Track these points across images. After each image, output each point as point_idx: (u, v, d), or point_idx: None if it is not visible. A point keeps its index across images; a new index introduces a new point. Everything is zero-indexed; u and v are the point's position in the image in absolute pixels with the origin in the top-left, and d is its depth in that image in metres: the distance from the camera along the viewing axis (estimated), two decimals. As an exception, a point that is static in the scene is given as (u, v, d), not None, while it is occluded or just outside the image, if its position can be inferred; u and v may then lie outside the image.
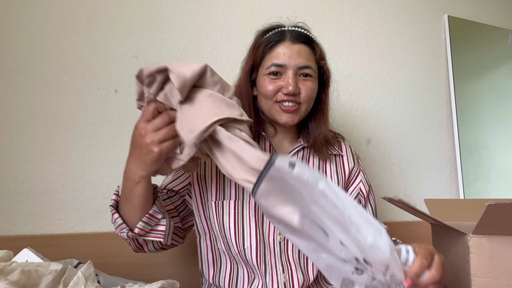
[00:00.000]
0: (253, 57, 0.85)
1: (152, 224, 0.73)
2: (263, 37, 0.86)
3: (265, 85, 0.82)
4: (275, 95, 0.82)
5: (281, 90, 0.81)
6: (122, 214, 0.73)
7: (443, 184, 1.54)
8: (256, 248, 0.80)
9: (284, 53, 0.81)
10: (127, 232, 0.71)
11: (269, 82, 0.82)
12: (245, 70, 0.87)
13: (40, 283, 0.59)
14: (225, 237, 0.81)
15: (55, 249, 1.04)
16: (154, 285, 0.65)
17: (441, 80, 1.59)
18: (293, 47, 0.82)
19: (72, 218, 1.11)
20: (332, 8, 1.45)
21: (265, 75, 0.83)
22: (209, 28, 1.28)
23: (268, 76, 0.82)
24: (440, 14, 1.63)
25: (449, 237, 0.77)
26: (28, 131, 1.09)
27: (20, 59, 1.10)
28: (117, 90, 1.17)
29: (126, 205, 0.72)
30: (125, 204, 0.72)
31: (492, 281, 0.66)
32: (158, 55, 1.22)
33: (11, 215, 1.07)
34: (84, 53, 1.15)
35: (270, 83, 0.82)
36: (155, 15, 1.23)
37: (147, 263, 1.12)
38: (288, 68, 0.81)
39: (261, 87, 0.84)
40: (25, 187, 1.08)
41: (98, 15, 1.17)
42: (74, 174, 1.12)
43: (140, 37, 1.21)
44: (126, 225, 0.72)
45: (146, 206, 0.71)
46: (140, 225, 0.71)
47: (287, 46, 0.82)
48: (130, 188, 0.69)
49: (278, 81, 0.82)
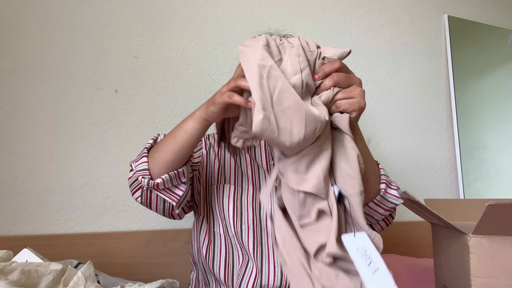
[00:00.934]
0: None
1: (174, 183, 0.73)
2: None
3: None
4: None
5: None
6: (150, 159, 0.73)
7: (443, 184, 1.54)
8: (253, 230, 0.82)
9: None
10: (148, 179, 0.71)
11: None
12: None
13: (40, 283, 0.59)
14: (224, 218, 0.83)
15: (55, 249, 1.04)
16: (154, 284, 0.65)
17: (441, 80, 1.59)
18: None
19: (72, 218, 1.11)
20: (332, 8, 1.45)
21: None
22: (209, 28, 1.28)
23: None
24: (440, 14, 1.63)
25: (449, 237, 0.77)
26: (28, 131, 1.09)
27: (20, 59, 1.10)
28: (117, 90, 1.18)
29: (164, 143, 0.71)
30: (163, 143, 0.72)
31: (492, 281, 0.66)
32: (158, 55, 1.22)
33: (11, 215, 1.07)
34: (84, 53, 1.15)
35: None
36: (155, 15, 1.23)
37: (147, 263, 1.13)
38: None
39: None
40: (25, 187, 1.08)
41: (98, 15, 1.17)
42: (74, 174, 1.12)
43: (140, 37, 1.21)
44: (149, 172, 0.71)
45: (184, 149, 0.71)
46: (164, 177, 0.71)
47: None
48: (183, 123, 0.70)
49: None
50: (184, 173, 0.74)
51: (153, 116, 1.20)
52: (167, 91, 1.22)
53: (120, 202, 1.15)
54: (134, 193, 0.76)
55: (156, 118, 1.20)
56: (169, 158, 0.70)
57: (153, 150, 0.74)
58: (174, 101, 1.22)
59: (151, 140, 0.78)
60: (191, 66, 1.25)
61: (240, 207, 0.84)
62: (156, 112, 1.20)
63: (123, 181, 1.15)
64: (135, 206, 1.16)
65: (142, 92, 1.20)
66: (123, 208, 1.15)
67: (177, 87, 1.23)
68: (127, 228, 1.15)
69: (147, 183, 0.71)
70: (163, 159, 0.71)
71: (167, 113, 1.21)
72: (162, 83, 1.22)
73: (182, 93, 1.23)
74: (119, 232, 1.13)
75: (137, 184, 0.74)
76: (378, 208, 0.75)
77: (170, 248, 1.15)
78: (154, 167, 0.71)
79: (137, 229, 1.16)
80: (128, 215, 1.15)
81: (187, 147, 0.70)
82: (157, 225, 1.17)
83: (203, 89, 1.25)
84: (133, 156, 1.16)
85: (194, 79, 1.25)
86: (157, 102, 1.21)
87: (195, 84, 1.25)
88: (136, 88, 1.19)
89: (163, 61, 1.22)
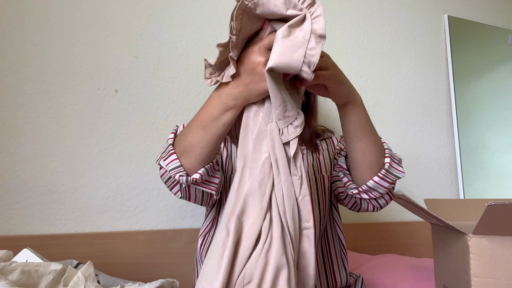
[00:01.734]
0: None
1: (210, 174, 0.70)
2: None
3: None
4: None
5: None
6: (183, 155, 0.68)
7: (443, 184, 1.54)
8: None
9: None
10: (186, 177, 0.67)
11: None
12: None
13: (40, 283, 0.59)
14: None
15: (55, 249, 1.04)
16: (154, 284, 0.66)
17: (441, 80, 1.59)
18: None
19: (72, 218, 1.11)
20: (332, 8, 1.46)
21: None
22: (209, 28, 1.28)
23: None
24: (440, 14, 1.63)
25: (449, 237, 0.77)
26: (28, 131, 1.09)
27: (20, 59, 1.10)
28: (117, 90, 1.18)
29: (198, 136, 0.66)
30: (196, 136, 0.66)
31: (492, 281, 0.66)
32: (158, 55, 1.22)
33: (11, 215, 1.07)
34: (84, 53, 1.16)
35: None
36: (155, 15, 1.23)
37: (147, 263, 1.13)
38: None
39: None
40: (25, 187, 1.08)
41: (98, 15, 1.17)
42: (74, 174, 1.12)
43: (140, 37, 1.21)
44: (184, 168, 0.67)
45: (221, 140, 0.67)
46: (202, 171, 0.68)
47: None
48: (217, 115, 0.64)
49: None
50: (218, 161, 0.72)
51: (153, 116, 1.20)
52: (167, 91, 1.22)
53: (120, 202, 1.15)
54: (171, 189, 0.74)
55: (156, 118, 1.20)
56: (207, 151, 0.66)
57: (182, 145, 0.69)
58: (174, 101, 1.22)
59: (172, 134, 0.74)
60: (191, 66, 1.25)
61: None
62: (156, 112, 1.20)
63: (123, 181, 1.15)
64: (135, 206, 1.16)
65: (142, 92, 1.20)
66: (123, 208, 1.15)
67: (177, 87, 1.23)
68: (127, 228, 1.15)
69: (185, 181, 0.67)
70: (200, 153, 0.66)
71: (167, 113, 1.21)
72: (162, 83, 1.22)
73: (182, 93, 1.23)
74: (119, 232, 1.13)
75: (172, 181, 0.72)
76: (383, 182, 0.75)
77: (170, 248, 1.15)
78: (188, 162, 0.68)
79: (137, 229, 1.16)
80: (128, 215, 1.15)
81: (223, 137, 0.67)
82: (157, 225, 1.17)
83: (203, 89, 1.25)
84: (133, 156, 1.17)
85: (194, 79, 1.25)
86: (157, 102, 1.21)
87: (195, 84, 1.25)
88: (136, 88, 1.19)
89: (163, 61, 1.22)
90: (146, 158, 1.18)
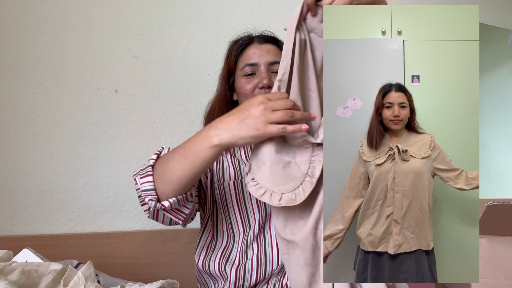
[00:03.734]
0: (228, 63, 0.93)
1: (181, 204, 0.71)
2: (234, 45, 0.94)
3: (243, 85, 0.88)
4: (253, 92, 0.87)
5: (257, 86, 0.86)
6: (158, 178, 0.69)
7: (443, 184, 1.54)
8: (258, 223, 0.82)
9: (254, 53, 0.88)
10: (156, 202, 0.68)
11: (245, 82, 0.87)
12: (222, 76, 0.94)
13: (40, 283, 0.59)
14: (229, 217, 0.84)
15: (55, 249, 1.04)
16: (154, 285, 0.66)
17: (441, 80, 1.59)
18: (261, 47, 0.89)
19: (72, 218, 1.11)
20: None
21: (241, 76, 0.89)
22: (209, 28, 1.28)
23: (244, 77, 0.88)
24: (440, 14, 1.62)
25: (449, 237, 0.77)
26: (28, 131, 1.09)
27: (20, 59, 1.10)
28: (117, 90, 1.18)
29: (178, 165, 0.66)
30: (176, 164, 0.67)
31: (492, 281, 0.66)
32: (158, 55, 1.22)
33: (11, 215, 1.07)
34: (84, 53, 1.16)
35: (247, 83, 0.87)
36: (155, 15, 1.23)
37: (147, 263, 1.13)
38: (259, 65, 0.87)
39: (239, 88, 0.89)
40: (25, 187, 1.08)
41: (98, 15, 1.17)
42: (74, 174, 1.12)
43: (140, 37, 1.21)
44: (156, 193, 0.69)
45: (200, 174, 0.67)
46: (172, 200, 0.69)
47: (256, 47, 0.89)
48: (200, 147, 0.65)
49: (253, 80, 0.87)
50: (192, 193, 0.73)
51: (153, 116, 1.20)
52: (167, 91, 1.22)
53: (120, 202, 1.15)
54: (142, 205, 0.75)
55: (156, 118, 1.20)
56: (184, 182, 0.68)
57: (161, 168, 0.70)
58: (174, 101, 1.22)
59: (155, 155, 0.75)
60: (191, 66, 1.25)
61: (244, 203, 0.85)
62: (156, 112, 1.20)
63: (123, 181, 1.15)
64: (135, 206, 1.16)
65: (142, 92, 1.20)
66: (123, 208, 1.15)
67: (177, 87, 1.23)
68: (127, 228, 1.15)
69: (154, 206, 0.69)
70: (176, 182, 0.68)
71: (167, 113, 1.21)
72: (162, 83, 1.22)
73: (182, 93, 1.23)
74: (119, 232, 1.13)
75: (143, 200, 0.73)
76: None
77: (170, 248, 1.15)
78: (162, 187, 0.69)
79: (137, 229, 1.16)
80: (128, 215, 1.15)
81: (203, 172, 0.68)
82: (157, 225, 1.17)
83: (203, 89, 1.25)
84: (133, 156, 1.17)
85: (194, 79, 1.25)
86: (157, 102, 1.21)
87: (195, 84, 1.25)
88: (136, 88, 1.19)
89: (163, 61, 1.22)
90: (146, 158, 1.17)
